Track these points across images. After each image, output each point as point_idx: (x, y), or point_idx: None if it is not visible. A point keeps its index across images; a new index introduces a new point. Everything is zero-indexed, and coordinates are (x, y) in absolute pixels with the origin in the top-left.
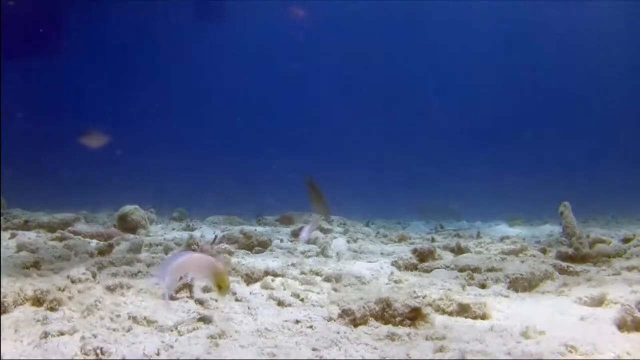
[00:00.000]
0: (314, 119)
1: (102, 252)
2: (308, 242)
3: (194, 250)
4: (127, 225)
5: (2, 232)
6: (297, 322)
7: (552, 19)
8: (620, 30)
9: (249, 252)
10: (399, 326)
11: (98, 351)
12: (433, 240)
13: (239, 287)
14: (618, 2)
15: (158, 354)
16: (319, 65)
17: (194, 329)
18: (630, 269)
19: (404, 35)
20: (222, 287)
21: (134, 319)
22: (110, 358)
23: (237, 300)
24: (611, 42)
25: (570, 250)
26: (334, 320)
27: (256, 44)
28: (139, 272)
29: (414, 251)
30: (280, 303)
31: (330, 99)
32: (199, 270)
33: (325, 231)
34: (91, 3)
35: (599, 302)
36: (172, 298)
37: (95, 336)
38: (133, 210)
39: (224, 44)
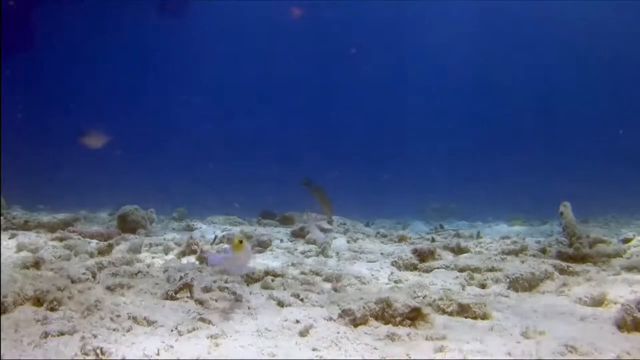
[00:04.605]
0: (313, 119)
1: (102, 252)
2: (308, 242)
3: (194, 250)
4: (127, 225)
5: (2, 232)
6: (297, 322)
7: (551, 17)
8: (620, 28)
9: None
10: (399, 326)
11: (98, 351)
12: (433, 240)
13: (239, 287)
14: (618, 2)
15: (158, 354)
16: (317, 65)
17: (194, 329)
18: (630, 269)
19: (404, 34)
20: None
21: (134, 319)
22: (110, 358)
23: (237, 300)
24: (611, 40)
25: (570, 250)
26: (334, 320)
27: (254, 42)
28: (139, 272)
29: (414, 251)
30: (280, 303)
31: (329, 99)
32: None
33: (325, 231)
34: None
35: (599, 302)
36: (172, 298)
37: (95, 336)
38: (133, 210)
39: (222, 42)
